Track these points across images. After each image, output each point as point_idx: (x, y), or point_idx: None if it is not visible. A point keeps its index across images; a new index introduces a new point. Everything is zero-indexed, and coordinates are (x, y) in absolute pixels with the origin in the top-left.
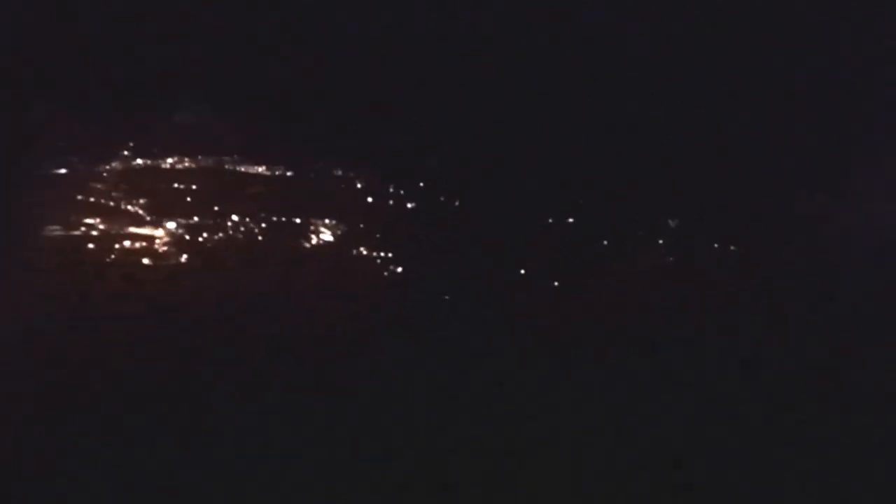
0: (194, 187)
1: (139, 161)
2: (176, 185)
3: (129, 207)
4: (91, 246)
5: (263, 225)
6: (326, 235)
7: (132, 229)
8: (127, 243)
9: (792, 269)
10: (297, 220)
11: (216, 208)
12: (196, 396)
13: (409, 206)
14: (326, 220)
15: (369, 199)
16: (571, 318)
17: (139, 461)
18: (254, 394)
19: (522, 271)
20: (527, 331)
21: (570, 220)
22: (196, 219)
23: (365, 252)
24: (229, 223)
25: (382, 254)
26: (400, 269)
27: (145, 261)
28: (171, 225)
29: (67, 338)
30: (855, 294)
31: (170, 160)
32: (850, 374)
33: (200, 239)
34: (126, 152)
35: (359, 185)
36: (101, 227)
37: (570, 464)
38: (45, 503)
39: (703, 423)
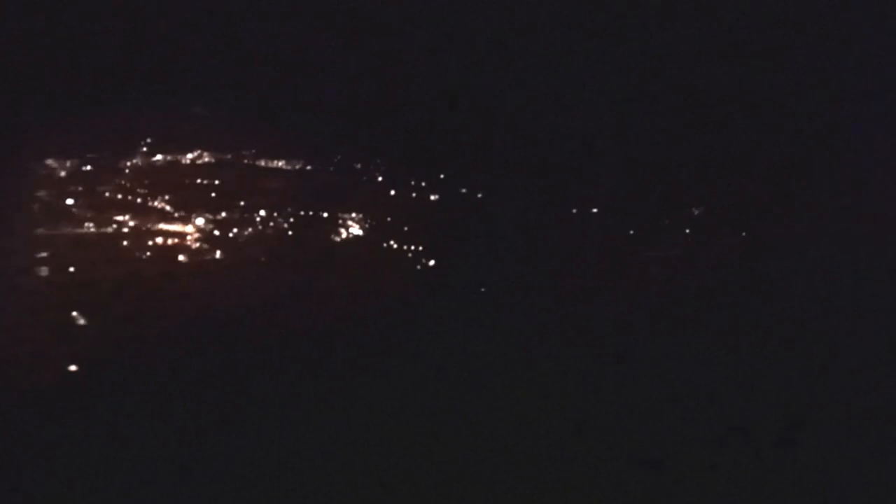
0: (217, 182)
1: (159, 157)
2: (199, 181)
3: (156, 203)
4: (124, 243)
5: (291, 219)
6: (354, 229)
7: (161, 226)
8: (159, 240)
9: (800, 264)
10: (325, 215)
11: (242, 203)
12: (225, 388)
13: (431, 198)
14: (352, 214)
15: (391, 193)
16: (576, 316)
17: (158, 455)
18: (279, 385)
19: (543, 263)
20: (542, 324)
21: (594, 209)
22: (223, 214)
23: (391, 245)
24: (257, 218)
25: (408, 247)
26: (429, 263)
27: (180, 257)
28: (200, 221)
29: (102, 333)
30: (856, 289)
31: (189, 155)
32: (851, 367)
33: (230, 235)
34: (145, 148)
35: (379, 179)
36: (131, 223)
37: (570, 463)
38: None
39: (703, 423)
